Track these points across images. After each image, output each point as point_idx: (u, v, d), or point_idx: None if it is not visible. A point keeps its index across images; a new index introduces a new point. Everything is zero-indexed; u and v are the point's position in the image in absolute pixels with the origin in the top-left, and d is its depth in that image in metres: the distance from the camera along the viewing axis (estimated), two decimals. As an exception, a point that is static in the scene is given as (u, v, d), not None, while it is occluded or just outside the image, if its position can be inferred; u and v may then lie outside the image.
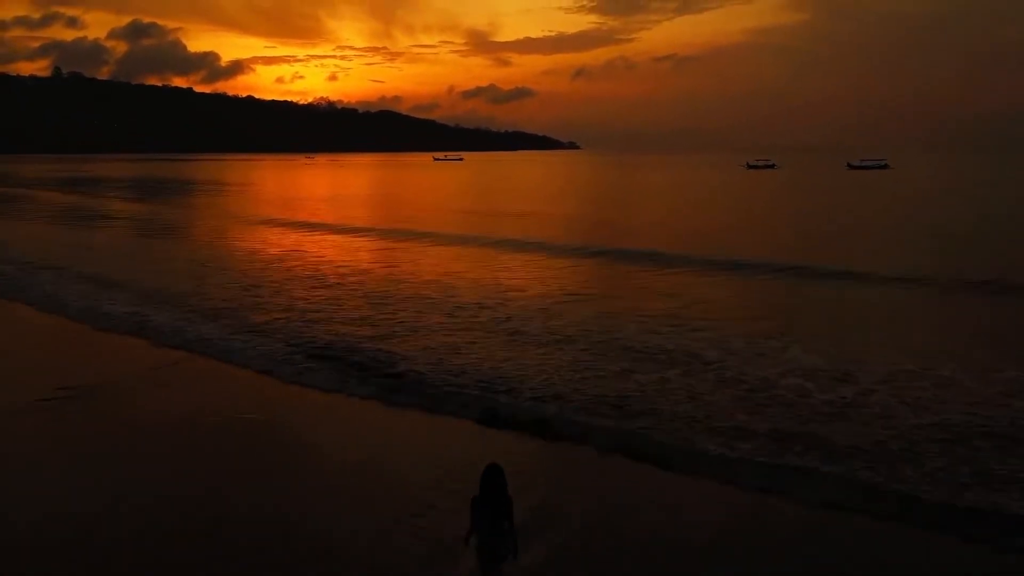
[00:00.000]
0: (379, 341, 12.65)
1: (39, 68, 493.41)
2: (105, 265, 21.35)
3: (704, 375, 10.96)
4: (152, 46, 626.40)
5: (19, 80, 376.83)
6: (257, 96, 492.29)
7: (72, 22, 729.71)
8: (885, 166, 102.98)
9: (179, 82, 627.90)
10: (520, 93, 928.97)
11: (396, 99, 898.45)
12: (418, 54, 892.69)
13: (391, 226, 30.98)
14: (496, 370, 11.13)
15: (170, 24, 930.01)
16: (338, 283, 18.26)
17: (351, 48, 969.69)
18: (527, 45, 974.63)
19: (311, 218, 34.86)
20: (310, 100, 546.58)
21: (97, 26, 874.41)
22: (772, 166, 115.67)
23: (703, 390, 10.28)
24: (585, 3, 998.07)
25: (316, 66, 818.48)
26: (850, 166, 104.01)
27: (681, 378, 10.84)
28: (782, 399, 9.95)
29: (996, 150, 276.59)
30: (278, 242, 26.48)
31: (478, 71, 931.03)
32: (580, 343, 12.73)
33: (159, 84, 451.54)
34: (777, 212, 39.75)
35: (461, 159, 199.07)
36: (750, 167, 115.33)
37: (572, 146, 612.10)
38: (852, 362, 11.47)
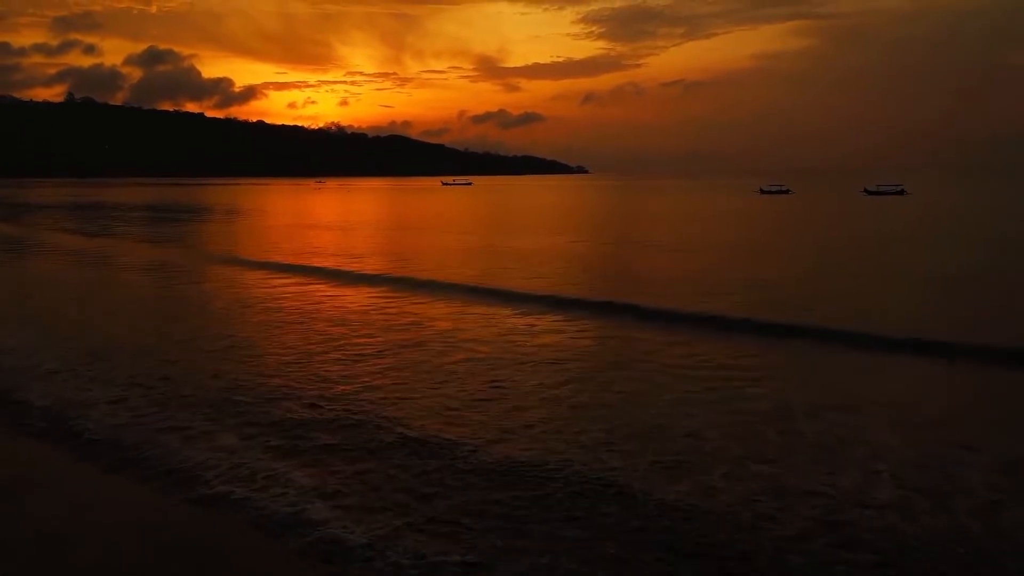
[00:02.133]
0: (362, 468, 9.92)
1: (55, 94, 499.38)
2: (50, 314, 19.02)
3: (763, 477, 8.42)
4: (167, 72, 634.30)
5: (32, 105, 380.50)
6: (268, 121, 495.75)
7: (90, 49, 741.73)
8: (902, 191, 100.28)
9: (192, 107, 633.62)
10: (529, 118, 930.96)
11: (406, 124, 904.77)
12: (427, 79, 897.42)
13: (392, 268, 26.74)
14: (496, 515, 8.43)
15: (185, 51, 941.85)
16: (325, 347, 15.69)
17: (361, 74, 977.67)
18: (536, 71, 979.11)
19: (308, 258, 30.39)
20: (321, 125, 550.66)
21: (114, 53, 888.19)
22: (786, 191, 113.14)
23: (768, 512, 7.69)
24: (593, 30, 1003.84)
25: (327, 91, 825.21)
26: (867, 191, 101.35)
27: (728, 485, 8.27)
28: (891, 534, 7.34)
29: (1006, 173, 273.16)
30: (266, 288, 22.91)
31: (487, 96, 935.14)
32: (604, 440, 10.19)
33: (170, 109, 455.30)
34: (811, 251, 34.31)
35: (470, 183, 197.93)
36: (763, 192, 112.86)
37: (580, 170, 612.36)
38: (958, 459, 8.94)
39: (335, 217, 64.42)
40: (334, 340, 15.04)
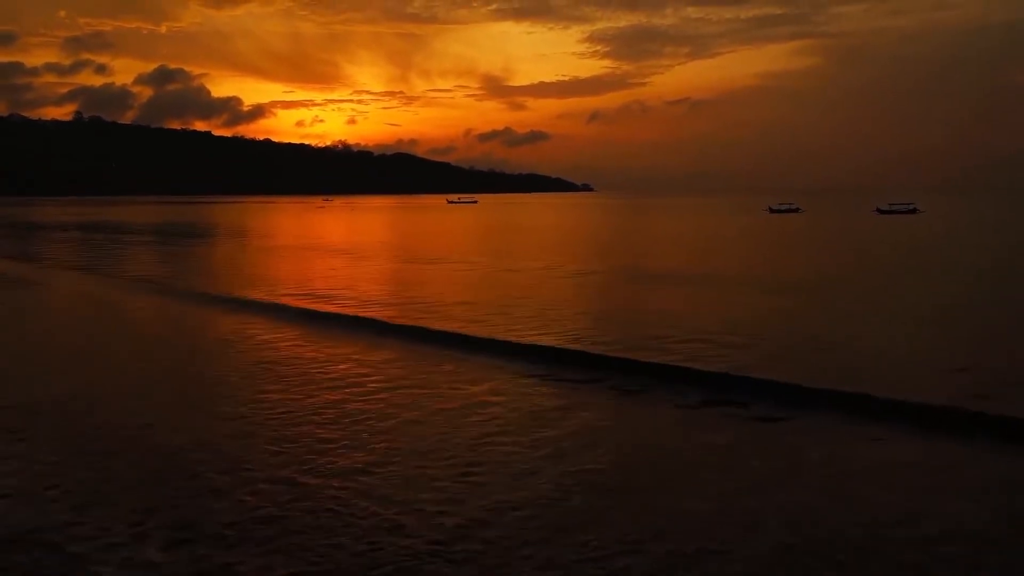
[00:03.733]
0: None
1: (66, 113, 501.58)
2: None
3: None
4: (177, 91, 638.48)
5: (40, 124, 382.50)
6: (275, 139, 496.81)
7: (101, 69, 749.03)
8: (914, 210, 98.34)
9: (201, 126, 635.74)
10: (535, 136, 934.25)
11: (412, 142, 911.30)
12: (434, 98, 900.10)
13: (387, 310, 22.32)
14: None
15: (195, 70, 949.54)
16: (293, 436, 13.56)
17: (368, 92, 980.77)
18: (541, 89, 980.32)
19: (293, 295, 26.03)
20: (328, 143, 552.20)
21: (125, 72, 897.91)
22: (796, 210, 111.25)
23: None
24: (599, 48, 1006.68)
25: (333, 110, 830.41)
26: (879, 211, 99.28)
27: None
28: None
29: (1013, 191, 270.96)
30: (241, 336, 19.41)
31: (493, 115, 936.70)
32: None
33: (177, 128, 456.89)
34: (836, 281, 29.81)
35: (475, 201, 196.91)
36: (772, 211, 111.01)
37: (586, 188, 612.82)
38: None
39: (335, 239, 62.65)
40: (301, 413, 12.29)
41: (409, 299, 25.45)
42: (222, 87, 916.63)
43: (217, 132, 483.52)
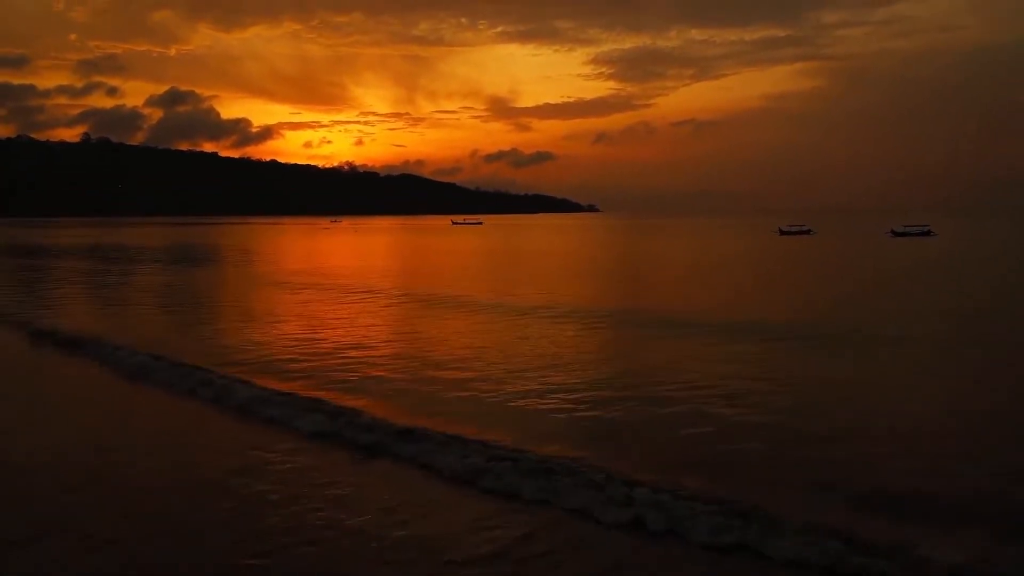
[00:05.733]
0: None
1: (75, 135, 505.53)
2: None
3: None
4: (186, 113, 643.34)
5: (47, 145, 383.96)
6: (282, 160, 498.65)
7: (112, 91, 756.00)
8: (928, 232, 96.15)
9: (209, 147, 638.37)
10: (541, 157, 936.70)
11: (419, 163, 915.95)
12: (439, 119, 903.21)
13: (359, 375, 19.94)
14: None
15: (205, 92, 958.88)
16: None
17: (375, 114, 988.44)
18: (547, 111, 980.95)
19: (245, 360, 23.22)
20: (335, 164, 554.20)
21: (135, 94, 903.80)
22: (808, 231, 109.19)
23: None
24: (603, 70, 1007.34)
25: (340, 131, 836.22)
26: (894, 233, 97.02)
27: None
28: None
29: (1019, 211, 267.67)
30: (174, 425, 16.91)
31: (499, 136, 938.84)
32: None
33: (185, 149, 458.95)
34: (875, 318, 25.99)
35: (480, 223, 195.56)
36: (783, 233, 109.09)
37: (591, 209, 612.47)
38: None
39: (333, 264, 60.75)
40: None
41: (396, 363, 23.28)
42: (231, 109, 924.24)
43: (225, 153, 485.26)
